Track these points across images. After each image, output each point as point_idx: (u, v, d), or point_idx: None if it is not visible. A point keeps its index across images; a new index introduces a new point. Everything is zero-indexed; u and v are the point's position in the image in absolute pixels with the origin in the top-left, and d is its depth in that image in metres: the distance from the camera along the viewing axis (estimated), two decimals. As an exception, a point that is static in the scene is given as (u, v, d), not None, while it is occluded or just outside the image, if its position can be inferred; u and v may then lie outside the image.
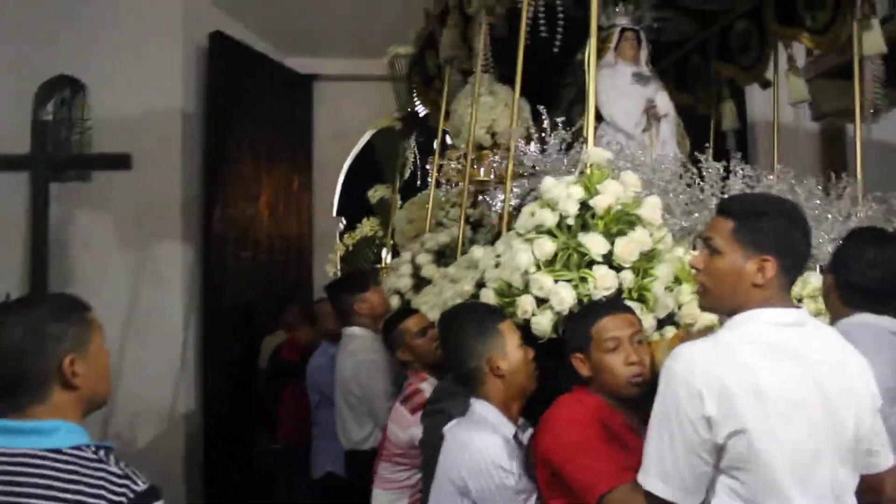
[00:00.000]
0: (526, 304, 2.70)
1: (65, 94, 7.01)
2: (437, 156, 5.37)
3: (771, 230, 1.81)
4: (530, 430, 2.41)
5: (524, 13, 3.82)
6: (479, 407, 2.43)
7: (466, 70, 5.12)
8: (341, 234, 8.02)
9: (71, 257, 6.38)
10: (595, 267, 2.68)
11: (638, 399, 2.18)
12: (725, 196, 1.92)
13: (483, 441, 2.31)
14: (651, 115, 4.59)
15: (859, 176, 4.03)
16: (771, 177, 3.69)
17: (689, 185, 3.61)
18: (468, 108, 4.82)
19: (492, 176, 5.45)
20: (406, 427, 3.13)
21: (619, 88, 4.52)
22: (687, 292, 2.79)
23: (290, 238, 7.71)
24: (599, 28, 4.65)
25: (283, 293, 6.71)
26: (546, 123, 3.68)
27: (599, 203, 2.80)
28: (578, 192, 2.84)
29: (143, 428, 6.24)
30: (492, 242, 4.53)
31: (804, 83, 5.07)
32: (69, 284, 6.32)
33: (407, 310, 3.74)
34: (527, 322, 2.70)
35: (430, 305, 3.64)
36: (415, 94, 6.34)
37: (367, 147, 7.91)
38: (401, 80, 6.87)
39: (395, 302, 4.31)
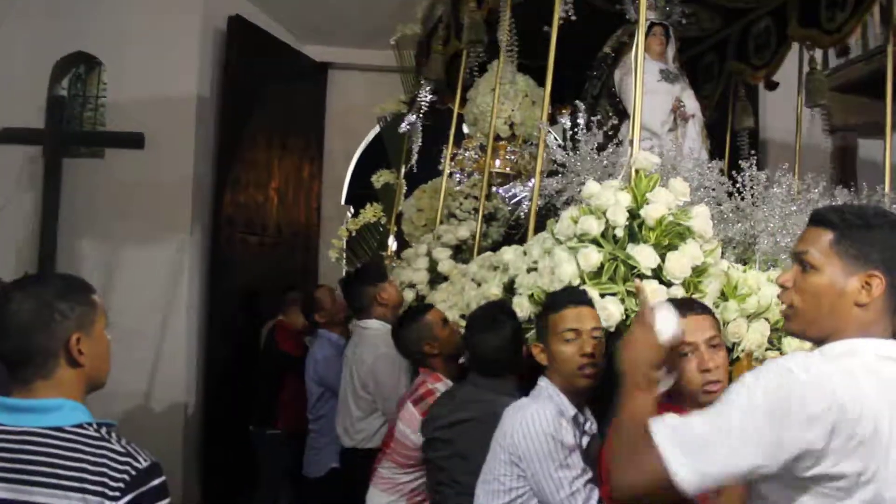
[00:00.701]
0: None
1: (81, 71, 7.04)
2: (450, 143, 5.21)
3: (879, 242, 1.55)
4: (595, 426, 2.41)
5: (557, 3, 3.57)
6: (544, 382, 2.40)
7: (479, 56, 4.84)
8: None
9: (80, 233, 6.40)
10: (645, 281, 2.54)
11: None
12: (820, 208, 1.63)
13: (539, 409, 2.29)
14: (679, 114, 4.44)
15: (887, 188, 3.97)
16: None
17: (729, 195, 3.44)
18: (487, 97, 4.66)
19: (508, 169, 5.35)
20: (418, 429, 3.05)
21: (646, 85, 4.34)
22: (733, 309, 2.66)
23: (297, 225, 7.73)
24: (627, 21, 4.62)
25: (288, 279, 6.72)
26: (581, 119, 3.46)
27: (651, 213, 2.64)
28: (626, 198, 2.69)
29: (145, 406, 6.28)
30: (516, 241, 4.46)
31: (826, 84, 5.01)
32: (77, 259, 6.37)
33: (423, 305, 3.64)
34: None
35: (450, 304, 3.56)
36: (422, 79, 6.11)
37: (378, 137, 7.89)
38: (408, 63, 6.77)
39: (409, 296, 4.22)
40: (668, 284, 2.57)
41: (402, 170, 6.47)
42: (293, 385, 5.32)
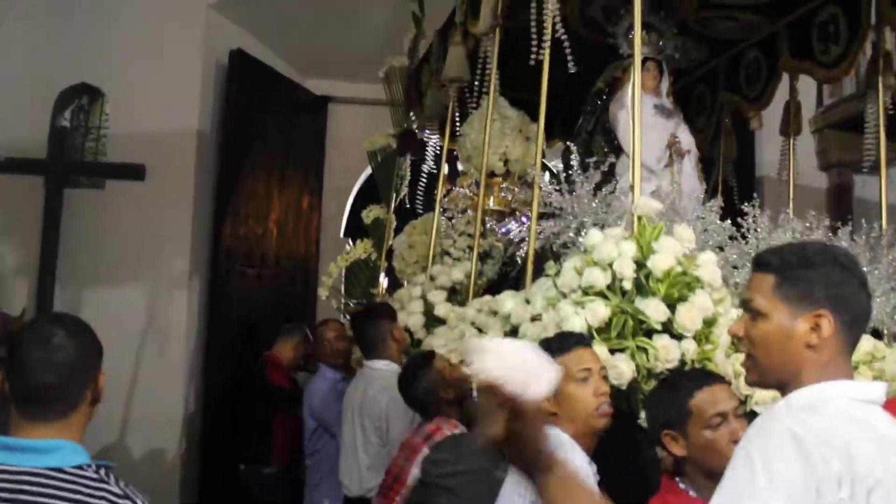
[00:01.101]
0: None
1: (83, 102, 7.08)
2: (442, 179, 5.06)
3: (821, 280, 1.51)
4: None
5: (546, 34, 3.47)
6: (555, 432, 2.21)
7: (462, 92, 4.77)
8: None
9: (81, 263, 6.40)
10: (655, 336, 2.46)
11: None
12: (761, 251, 1.70)
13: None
14: (674, 150, 4.39)
15: (884, 224, 3.94)
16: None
17: (731, 238, 3.35)
18: (480, 133, 4.55)
19: (503, 206, 5.30)
20: None
21: (641, 121, 4.31)
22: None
23: (296, 258, 7.74)
24: (620, 56, 4.63)
25: (287, 312, 6.72)
26: (574, 160, 3.39)
27: (659, 265, 2.55)
28: (631, 249, 2.59)
29: (143, 438, 6.24)
30: (511, 279, 4.40)
31: (801, 119, 5.10)
32: (77, 291, 6.36)
33: (424, 353, 3.51)
34: None
35: (450, 349, 3.44)
36: (411, 113, 6.12)
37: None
38: (397, 96, 6.66)
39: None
40: (680, 338, 2.48)
41: (392, 205, 6.37)
42: (287, 421, 5.27)
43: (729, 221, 3.42)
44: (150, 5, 6.66)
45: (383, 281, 6.24)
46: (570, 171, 3.36)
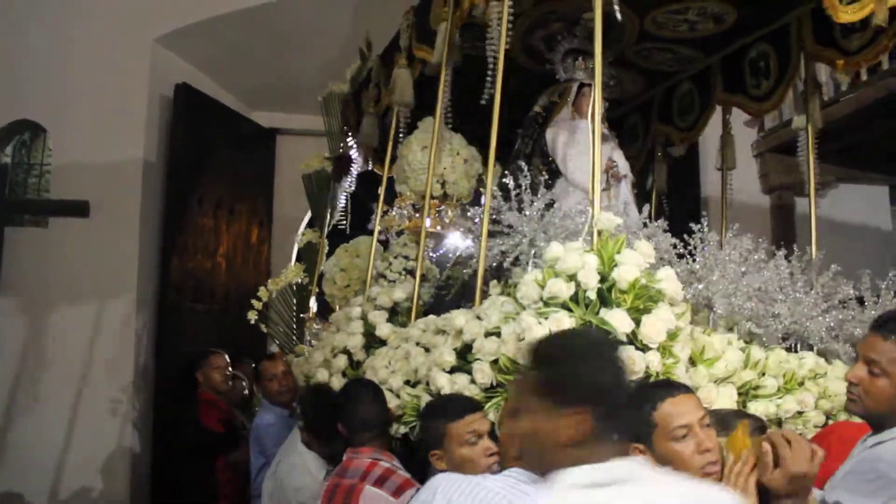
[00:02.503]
0: None
1: (25, 138, 6.97)
2: (381, 202, 4.94)
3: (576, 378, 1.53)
4: None
5: (500, 64, 3.52)
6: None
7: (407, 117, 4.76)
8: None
9: (24, 303, 6.27)
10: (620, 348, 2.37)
11: None
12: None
13: None
14: (611, 174, 4.39)
15: (814, 247, 4.03)
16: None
17: (679, 256, 3.37)
18: (418, 155, 4.60)
19: (439, 227, 5.22)
20: None
21: (579, 145, 4.30)
22: (703, 375, 2.59)
23: (247, 291, 7.62)
24: (557, 81, 4.70)
25: (236, 347, 6.63)
26: (521, 179, 3.37)
27: (624, 276, 2.54)
28: (594, 261, 2.59)
29: (89, 478, 6.09)
30: (447, 302, 4.38)
31: (734, 153, 5.18)
32: (21, 330, 6.22)
33: (364, 380, 3.37)
34: None
35: (392, 370, 3.42)
36: (348, 136, 5.99)
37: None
38: (334, 120, 6.61)
39: (341, 363, 4.00)
40: (645, 349, 2.47)
41: (326, 229, 6.27)
42: (228, 463, 5.09)
43: (674, 241, 3.46)
44: (93, 40, 6.60)
45: (313, 306, 6.07)
46: (519, 190, 3.35)
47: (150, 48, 6.75)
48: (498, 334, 2.79)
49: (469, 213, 4.76)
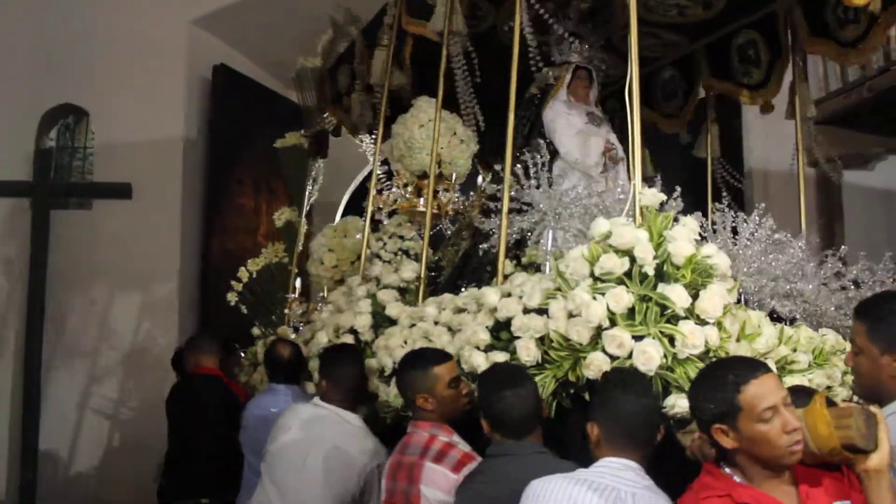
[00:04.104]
0: (599, 362, 2.43)
1: (68, 122, 7.08)
2: (374, 181, 4.80)
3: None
4: None
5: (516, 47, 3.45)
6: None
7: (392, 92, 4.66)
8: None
9: (68, 284, 6.39)
10: (681, 322, 2.42)
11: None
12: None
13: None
14: (609, 157, 4.38)
15: (803, 223, 4.03)
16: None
17: (703, 237, 3.35)
18: (415, 133, 4.47)
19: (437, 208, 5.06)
20: (450, 489, 2.61)
21: (576, 126, 4.33)
22: (746, 349, 2.57)
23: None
24: (552, 63, 4.64)
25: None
26: (538, 158, 3.40)
27: (680, 251, 2.51)
28: (645, 236, 2.56)
29: (129, 463, 6.19)
30: (439, 283, 4.34)
31: (717, 140, 5.12)
32: (65, 310, 6.35)
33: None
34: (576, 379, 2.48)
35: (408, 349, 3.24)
36: (325, 113, 5.80)
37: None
38: (309, 96, 6.23)
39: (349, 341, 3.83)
40: (703, 324, 2.45)
41: (305, 208, 6.10)
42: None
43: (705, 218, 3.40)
44: (131, 24, 6.67)
45: (297, 285, 5.90)
46: (537, 168, 3.37)
47: (188, 30, 6.81)
48: (536, 311, 2.75)
49: (486, 191, 4.72)
